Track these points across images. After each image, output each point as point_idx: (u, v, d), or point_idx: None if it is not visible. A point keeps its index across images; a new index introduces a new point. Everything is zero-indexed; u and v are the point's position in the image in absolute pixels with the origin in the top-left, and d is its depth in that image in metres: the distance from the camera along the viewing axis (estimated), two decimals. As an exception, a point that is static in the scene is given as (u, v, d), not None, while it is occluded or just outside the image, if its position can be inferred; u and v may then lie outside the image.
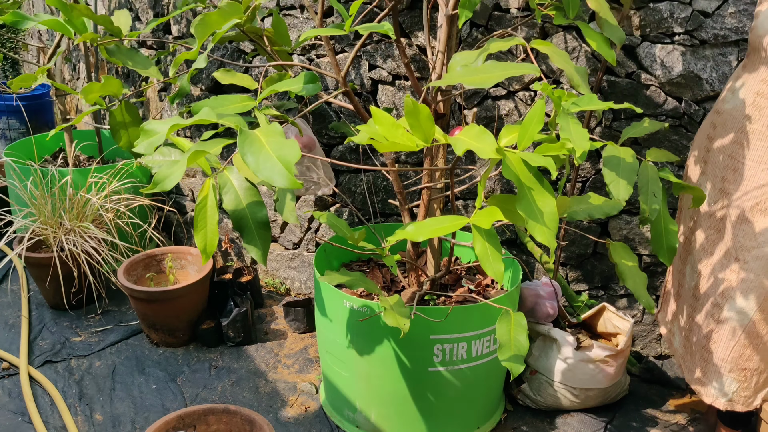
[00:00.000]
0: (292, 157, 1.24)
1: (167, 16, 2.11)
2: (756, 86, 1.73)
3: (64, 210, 2.76)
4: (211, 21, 1.39)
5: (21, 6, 4.74)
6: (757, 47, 1.70)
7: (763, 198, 1.74)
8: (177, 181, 1.35)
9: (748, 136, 1.76)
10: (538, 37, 2.31)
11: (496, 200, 1.47)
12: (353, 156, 2.67)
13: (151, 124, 1.40)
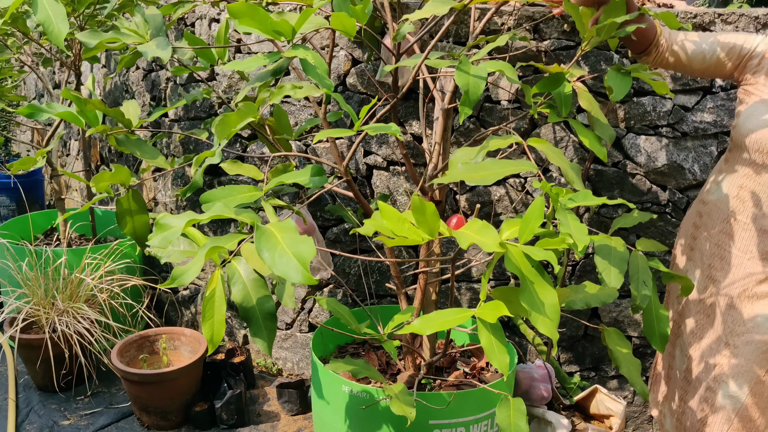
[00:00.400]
0: (307, 254, 1.29)
1: (171, 107, 2.19)
2: (739, 180, 1.82)
3: (58, 290, 2.77)
4: (230, 121, 1.46)
5: (17, 88, 4.82)
6: (739, 144, 1.80)
7: (750, 285, 1.81)
8: (195, 275, 1.39)
9: (733, 227, 1.84)
10: (527, 127, 2.41)
11: (499, 293, 1.52)
12: (348, 238, 2.72)
13: (167, 219, 1.44)
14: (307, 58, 1.39)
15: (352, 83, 2.57)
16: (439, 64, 1.66)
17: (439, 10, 1.46)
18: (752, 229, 1.79)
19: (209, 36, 2.89)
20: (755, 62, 1.79)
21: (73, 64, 2.95)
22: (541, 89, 1.76)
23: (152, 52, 1.71)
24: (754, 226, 1.78)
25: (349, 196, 2.13)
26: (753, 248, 1.79)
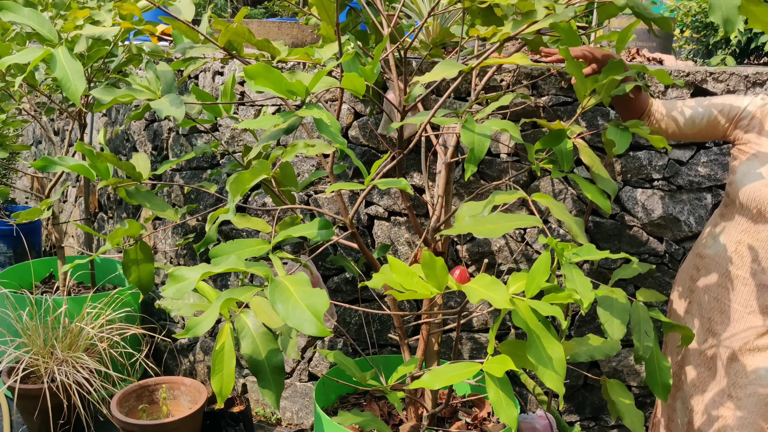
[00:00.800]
0: (320, 306, 1.32)
1: (180, 159, 2.23)
2: (737, 236, 1.87)
3: (57, 340, 2.76)
4: (244, 178, 1.50)
5: (19, 137, 4.86)
6: (736, 200, 1.86)
7: (751, 338, 1.84)
8: (210, 326, 1.41)
9: (732, 281, 1.88)
10: (526, 180, 2.47)
11: (506, 346, 1.55)
12: (348, 287, 2.75)
13: (181, 271, 1.47)
14: (323, 118, 1.43)
15: (355, 136, 2.63)
16: (444, 122, 1.71)
17: (448, 73, 1.52)
18: (752, 284, 1.83)
19: (213, 88, 2.95)
20: (746, 122, 1.85)
21: (78, 115, 3.00)
22: (543, 145, 1.81)
23: (166, 111, 1.75)
24: (754, 281, 1.82)
25: (350, 245, 2.16)
26: (753, 302, 1.83)
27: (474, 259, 2.57)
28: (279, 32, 3.95)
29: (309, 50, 1.97)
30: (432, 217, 2.10)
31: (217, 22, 1.96)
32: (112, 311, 2.91)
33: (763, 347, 1.82)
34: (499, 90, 2.41)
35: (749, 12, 1.41)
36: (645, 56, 3.38)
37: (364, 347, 2.75)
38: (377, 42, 2.35)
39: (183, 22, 1.95)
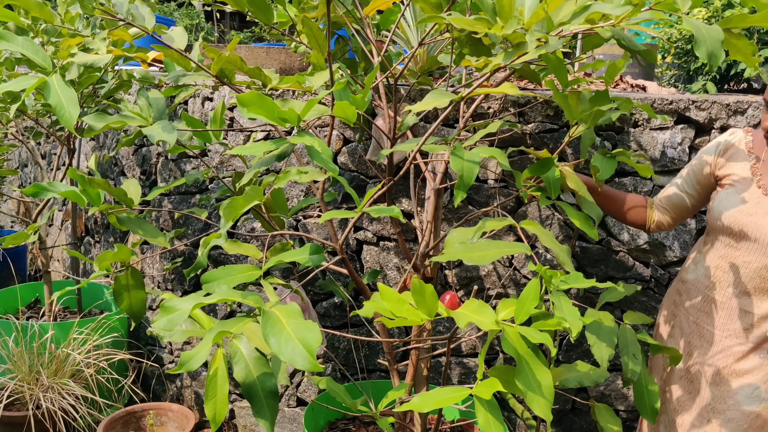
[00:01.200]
0: (313, 341, 1.32)
1: (171, 185, 2.24)
2: (715, 261, 1.91)
3: (43, 366, 2.74)
4: (237, 204, 1.51)
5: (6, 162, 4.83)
6: (713, 227, 1.91)
7: (730, 362, 1.87)
8: (204, 360, 1.41)
9: (711, 306, 1.92)
10: (513, 205, 2.50)
11: (496, 371, 1.56)
12: (338, 312, 2.75)
13: (173, 301, 1.47)
14: (314, 146, 1.45)
15: (344, 162, 2.65)
16: (435, 149, 1.74)
17: (440, 102, 1.55)
18: (728, 308, 1.87)
19: (202, 113, 2.97)
20: (722, 162, 1.93)
21: (67, 140, 3.00)
22: (531, 173, 1.84)
23: (158, 136, 1.77)
24: (730, 305, 1.86)
25: (339, 270, 2.17)
26: (730, 326, 1.87)
27: (462, 283, 2.59)
28: (267, 57, 3.98)
29: (300, 78, 1.99)
30: (421, 243, 2.12)
31: (209, 50, 1.98)
32: (99, 336, 2.89)
33: (742, 371, 1.85)
34: (486, 117, 2.45)
35: (732, 45, 1.45)
36: (628, 83, 3.44)
37: (353, 372, 2.75)
38: (366, 69, 2.38)
39: (176, 50, 1.97)
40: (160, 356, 3.25)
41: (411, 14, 2.59)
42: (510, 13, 1.44)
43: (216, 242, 1.60)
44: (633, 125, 2.38)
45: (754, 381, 1.84)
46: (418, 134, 2.52)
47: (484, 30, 1.44)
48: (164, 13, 6.51)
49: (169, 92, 2.15)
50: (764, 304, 1.82)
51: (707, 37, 1.33)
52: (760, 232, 1.79)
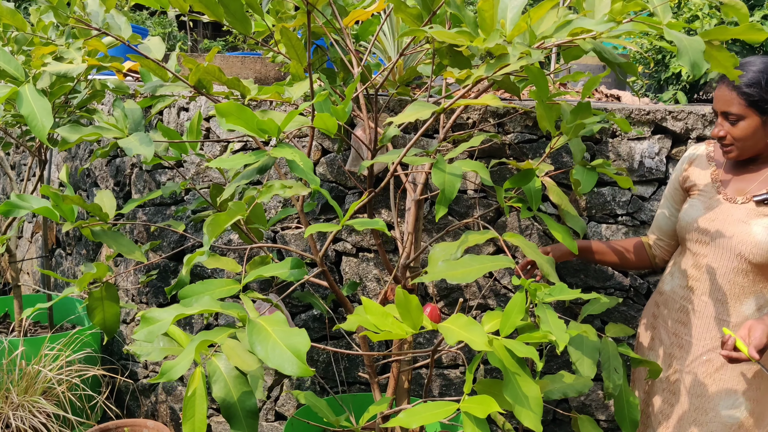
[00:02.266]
0: (302, 345, 1.30)
1: (147, 197, 2.20)
2: (689, 270, 1.94)
3: (13, 383, 2.66)
4: (220, 220, 1.48)
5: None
6: (682, 237, 1.95)
7: (710, 371, 1.89)
8: (185, 370, 1.38)
9: (687, 315, 1.94)
10: (493, 215, 2.49)
11: (482, 386, 1.55)
12: (317, 324, 2.72)
13: (152, 312, 1.44)
14: (296, 159, 1.43)
15: (322, 172, 2.63)
16: (416, 161, 1.72)
17: (422, 114, 1.54)
18: (704, 317, 1.89)
19: (177, 124, 2.93)
20: (687, 175, 1.99)
21: (38, 151, 2.93)
22: (512, 185, 1.84)
23: (135, 149, 1.73)
24: (706, 313, 1.88)
25: (317, 282, 2.14)
26: (706, 335, 1.88)
27: (443, 294, 2.58)
28: (242, 67, 3.95)
29: (279, 88, 1.97)
30: (402, 254, 2.11)
31: (187, 61, 1.95)
32: (72, 352, 2.83)
33: (721, 381, 1.86)
34: (465, 127, 2.44)
35: (712, 57, 1.46)
36: (603, 92, 3.46)
37: (333, 385, 2.72)
38: (345, 80, 2.37)
39: (153, 60, 1.93)
40: (134, 371, 3.19)
41: (389, 26, 2.58)
42: (492, 25, 1.44)
43: (199, 259, 1.57)
44: (611, 135, 2.40)
45: (734, 391, 1.85)
46: (398, 144, 2.51)
47: (466, 43, 1.43)
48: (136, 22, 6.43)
49: (146, 103, 2.11)
50: (739, 310, 1.84)
51: (689, 48, 1.34)
52: (723, 236, 1.83)
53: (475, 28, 1.42)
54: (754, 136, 1.78)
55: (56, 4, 1.84)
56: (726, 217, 1.84)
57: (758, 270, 1.80)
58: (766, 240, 1.76)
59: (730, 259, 1.83)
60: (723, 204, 1.86)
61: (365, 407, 2.31)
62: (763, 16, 4.42)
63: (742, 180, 1.86)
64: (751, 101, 1.74)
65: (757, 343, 1.62)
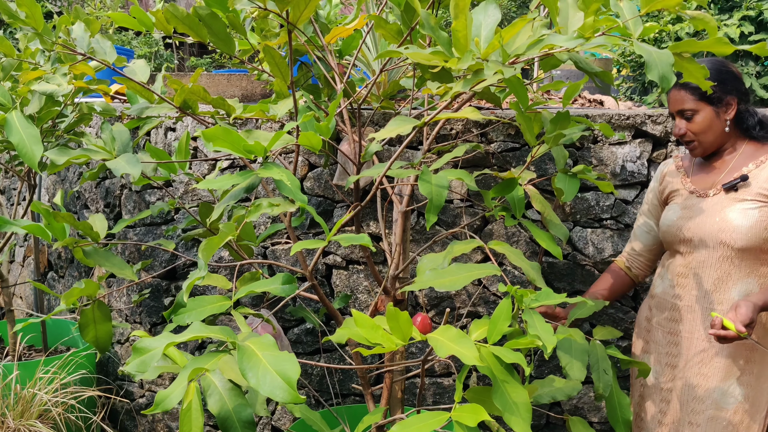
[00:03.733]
0: (292, 372, 1.31)
1: (137, 217, 2.22)
2: (677, 270, 1.99)
3: (8, 408, 2.67)
4: (213, 243, 1.51)
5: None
6: (666, 241, 2.03)
7: (702, 365, 1.92)
8: (179, 399, 1.39)
9: (680, 312, 1.98)
10: (479, 224, 2.53)
11: (472, 393, 1.57)
12: (309, 338, 2.74)
13: (144, 342, 1.45)
14: (283, 179, 1.46)
15: (310, 187, 2.66)
16: (401, 174, 1.76)
17: (403, 129, 1.57)
18: (696, 310, 1.94)
19: (165, 144, 2.95)
20: (662, 188, 2.07)
21: (27, 175, 2.95)
22: (495, 194, 1.87)
23: (122, 169, 1.75)
24: (698, 307, 1.93)
25: (309, 297, 2.17)
26: (699, 327, 1.93)
27: (433, 303, 2.60)
28: (229, 85, 3.99)
29: (264, 107, 2.00)
30: (391, 265, 2.13)
31: (172, 82, 1.98)
32: (67, 374, 2.83)
33: (713, 372, 1.91)
34: (449, 138, 2.48)
35: (683, 68, 1.50)
36: (586, 98, 3.51)
37: (327, 398, 2.74)
38: (329, 95, 2.40)
39: (138, 83, 1.96)
40: (130, 391, 3.20)
41: (372, 40, 2.62)
42: (466, 45, 1.47)
43: (197, 282, 1.59)
44: (593, 141, 2.44)
45: (728, 378, 1.89)
46: (383, 157, 2.54)
47: (440, 63, 1.47)
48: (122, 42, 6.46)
49: (133, 124, 2.14)
50: (728, 297, 1.90)
51: (658, 62, 1.38)
52: (703, 230, 1.90)
53: (449, 48, 1.46)
54: (711, 127, 1.89)
55: (42, 30, 1.87)
56: (703, 211, 1.92)
57: (743, 255, 1.86)
58: (743, 223, 1.84)
59: (714, 249, 1.89)
60: (696, 200, 1.95)
61: (360, 418, 2.33)
62: (741, 17, 4.49)
63: (710, 175, 1.96)
64: (701, 94, 1.86)
65: (743, 318, 1.67)
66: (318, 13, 2.26)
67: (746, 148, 1.94)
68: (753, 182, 1.87)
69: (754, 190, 1.86)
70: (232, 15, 2.03)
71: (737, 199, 1.87)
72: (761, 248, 1.86)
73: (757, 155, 1.92)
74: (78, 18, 2.13)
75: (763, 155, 1.91)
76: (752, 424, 1.91)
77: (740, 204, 1.86)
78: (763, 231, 1.84)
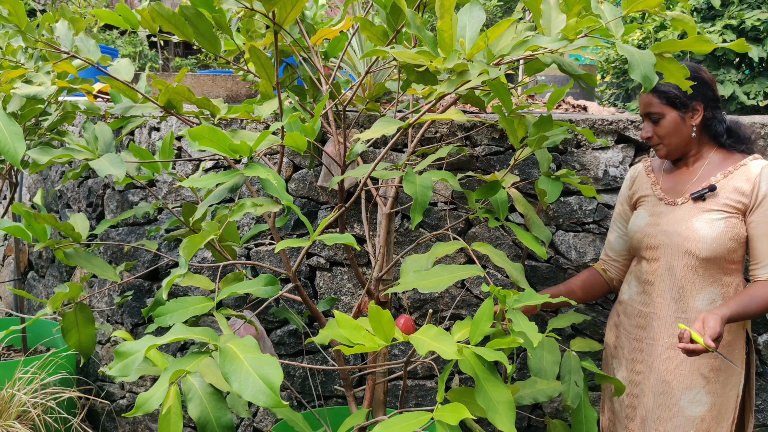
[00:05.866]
0: (275, 377, 1.30)
1: (119, 218, 2.21)
2: (643, 276, 2.02)
3: (-13, 408, 2.64)
4: (195, 242, 1.50)
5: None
6: (633, 246, 2.06)
7: (668, 372, 1.94)
8: (161, 401, 1.39)
9: (645, 319, 2.00)
10: (463, 227, 2.54)
11: (455, 394, 1.58)
12: (293, 339, 2.74)
13: (126, 346, 1.45)
14: (269, 178, 1.46)
15: (294, 188, 2.65)
16: (386, 175, 1.76)
17: (388, 130, 1.57)
18: (661, 318, 1.96)
19: (149, 143, 2.94)
20: (632, 193, 2.11)
21: (9, 173, 2.92)
22: (479, 196, 1.88)
23: (106, 170, 1.75)
24: (663, 314, 1.95)
25: (292, 298, 2.17)
26: (665, 335, 1.95)
27: (416, 306, 2.61)
28: (214, 85, 3.97)
29: (249, 107, 2.00)
30: (374, 267, 2.14)
31: (157, 82, 1.97)
32: (47, 375, 2.81)
33: (678, 380, 1.93)
34: (434, 141, 2.49)
35: (665, 68, 1.52)
36: (570, 103, 3.54)
37: (309, 399, 2.73)
38: (315, 97, 2.40)
39: (122, 82, 1.95)
40: (110, 392, 3.17)
41: (358, 42, 2.62)
42: (451, 45, 1.48)
43: (178, 281, 1.58)
44: (576, 146, 2.46)
45: (694, 385, 1.91)
46: (368, 159, 2.55)
47: (426, 63, 1.47)
48: (106, 41, 6.42)
49: (117, 124, 2.13)
50: (693, 306, 1.91)
51: (640, 62, 1.40)
52: (669, 238, 1.92)
53: (435, 47, 1.47)
54: (676, 131, 1.92)
55: (24, 28, 1.85)
56: (670, 219, 1.94)
57: (707, 264, 1.89)
58: (709, 233, 1.86)
59: (679, 257, 1.91)
60: (665, 208, 1.97)
61: (342, 420, 2.34)
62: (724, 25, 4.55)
63: (679, 183, 1.99)
64: (667, 98, 1.89)
65: (712, 332, 1.67)
66: (304, 14, 2.26)
67: (714, 157, 1.97)
68: (720, 192, 1.89)
69: (721, 201, 1.88)
70: (218, 15, 2.02)
71: (704, 209, 1.89)
72: (725, 258, 1.88)
73: (725, 165, 1.93)
74: (63, 16, 2.12)
75: (731, 165, 1.92)
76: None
77: (707, 214, 1.88)
78: (728, 242, 1.86)
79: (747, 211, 1.88)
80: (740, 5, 4.56)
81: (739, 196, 1.87)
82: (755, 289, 1.85)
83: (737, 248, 1.88)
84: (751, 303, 1.80)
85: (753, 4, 4.54)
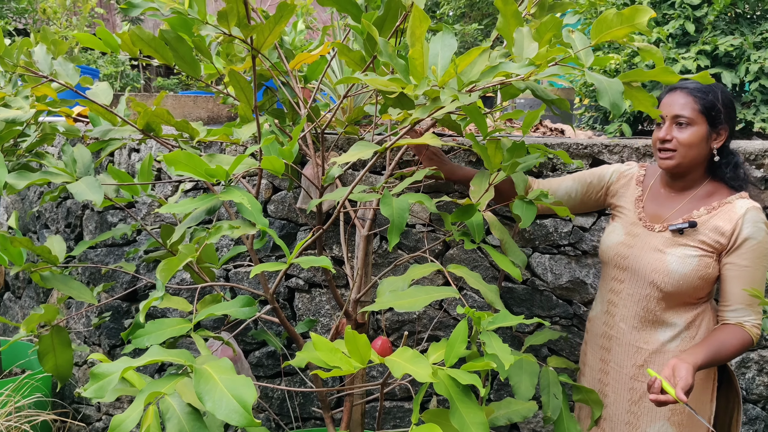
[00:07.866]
0: (248, 397, 1.32)
1: (98, 239, 2.21)
2: (607, 296, 2.01)
3: (-40, 431, 2.61)
4: (172, 264, 1.51)
5: None
6: (603, 260, 2.04)
7: (632, 403, 1.94)
8: (136, 422, 1.39)
9: (609, 342, 2.00)
10: (441, 248, 2.56)
11: (430, 415, 1.59)
12: (271, 361, 2.74)
13: (101, 368, 1.45)
14: (244, 203, 1.48)
15: (273, 210, 2.67)
16: (364, 197, 1.78)
17: (364, 154, 1.60)
18: (623, 344, 1.95)
19: (128, 165, 2.95)
20: (614, 189, 2.06)
21: (-14, 194, 2.91)
22: (455, 219, 1.91)
23: (84, 195, 1.75)
24: (624, 341, 1.94)
25: (271, 320, 2.17)
26: (627, 363, 1.94)
27: (394, 327, 2.62)
28: (195, 106, 3.99)
29: (228, 130, 2.02)
30: (352, 289, 2.15)
31: (136, 104, 1.98)
32: (21, 397, 2.78)
33: (643, 412, 1.92)
34: (413, 163, 2.52)
35: (632, 96, 1.57)
36: (547, 126, 3.59)
37: (287, 421, 2.73)
38: (294, 120, 2.43)
39: (101, 106, 1.97)
40: (87, 414, 3.14)
41: (338, 65, 2.66)
42: (422, 72, 1.51)
43: (155, 304, 1.59)
44: (551, 169, 2.50)
45: (659, 418, 1.90)
46: (347, 181, 2.57)
47: (398, 90, 1.51)
48: (88, 61, 6.42)
49: (96, 147, 2.13)
50: (655, 338, 1.89)
51: (609, 89, 1.44)
52: (639, 263, 1.88)
53: (407, 74, 1.50)
54: (698, 146, 1.80)
55: (2, 53, 1.86)
56: (643, 244, 1.90)
57: (671, 298, 1.84)
58: (678, 270, 1.81)
59: (643, 286, 1.88)
60: (641, 230, 1.92)
61: (320, 442, 2.33)
62: (698, 51, 4.64)
63: (663, 207, 1.91)
64: (705, 107, 1.78)
65: (684, 384, 1.60)
66: (283, 39, 2.29)
67: (706, 187, 1.88)
68: (700, 229, 1.82)
69: (699, 237, 1.82)
70: (198, 39, 2.05)
71: (679, 242, 1.84)
72: (690, 294, 1.83)
73: (711, 199, 1.86)
74: (45, 38, 2.13)
75: (717, 200, 1.84)
76: None
77: (681, 249, 1.83)
78: (696, 280, 1.80)
79: (723, 252, 1.81)
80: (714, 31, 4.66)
81: (717, 236, 1.80)
82: (725, 333, 1.79)
83: (704, 287, 1.83)
84: (721, 350, 1.74)
85: (726, 30, 4.64)
